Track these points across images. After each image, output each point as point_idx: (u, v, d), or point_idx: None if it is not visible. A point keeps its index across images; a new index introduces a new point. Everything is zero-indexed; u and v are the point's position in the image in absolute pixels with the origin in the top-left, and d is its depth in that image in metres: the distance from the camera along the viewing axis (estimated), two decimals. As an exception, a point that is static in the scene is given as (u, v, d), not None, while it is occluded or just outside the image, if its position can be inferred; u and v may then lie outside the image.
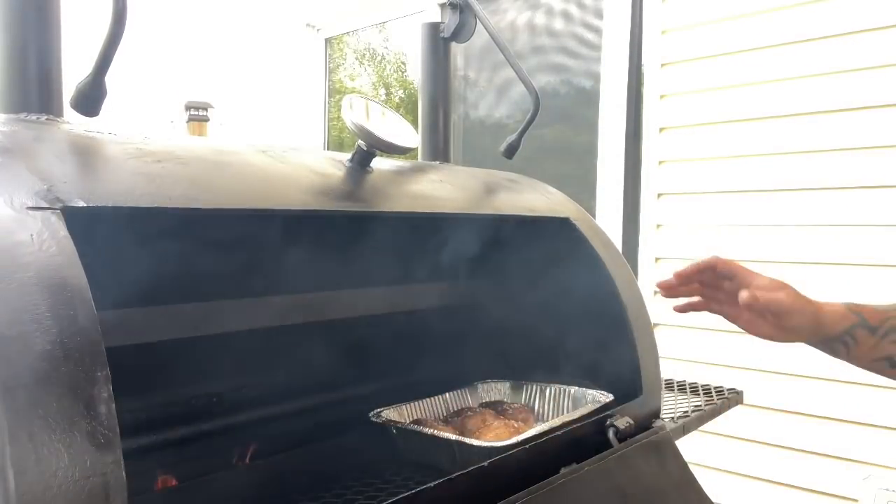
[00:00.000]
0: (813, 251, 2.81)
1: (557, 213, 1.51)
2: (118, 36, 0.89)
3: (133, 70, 3.42)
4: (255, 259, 1.27)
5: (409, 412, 1.40)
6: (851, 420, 2.73)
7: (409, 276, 1.55)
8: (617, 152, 3.51)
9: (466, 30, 1.60)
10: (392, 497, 0.89)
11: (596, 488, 1.18)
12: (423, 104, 1.69)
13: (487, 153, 3.95)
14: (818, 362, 2.78)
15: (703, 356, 3.11)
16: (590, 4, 3.76)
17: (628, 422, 1.33)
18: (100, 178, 0.84)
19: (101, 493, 0.62)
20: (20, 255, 0.66)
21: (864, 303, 1.24)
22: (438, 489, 0.95)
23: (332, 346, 1.46)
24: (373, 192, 1.17)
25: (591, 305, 1.47)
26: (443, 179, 1.40)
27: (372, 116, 1.18)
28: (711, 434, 2.94)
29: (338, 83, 5.43)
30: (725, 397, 1.78)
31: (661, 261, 3.29)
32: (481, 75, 4.31)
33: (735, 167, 3.03)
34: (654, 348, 1.53)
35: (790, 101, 2.87)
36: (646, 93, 3.36)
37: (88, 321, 0.66)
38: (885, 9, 2.63)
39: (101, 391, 0.64)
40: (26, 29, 0.96)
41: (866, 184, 2.69)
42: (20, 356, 0.61)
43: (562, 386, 1.53)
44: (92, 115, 0.94)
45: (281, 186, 1.03)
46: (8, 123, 0.90)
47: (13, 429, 0.59)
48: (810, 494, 2.83)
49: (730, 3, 3.02)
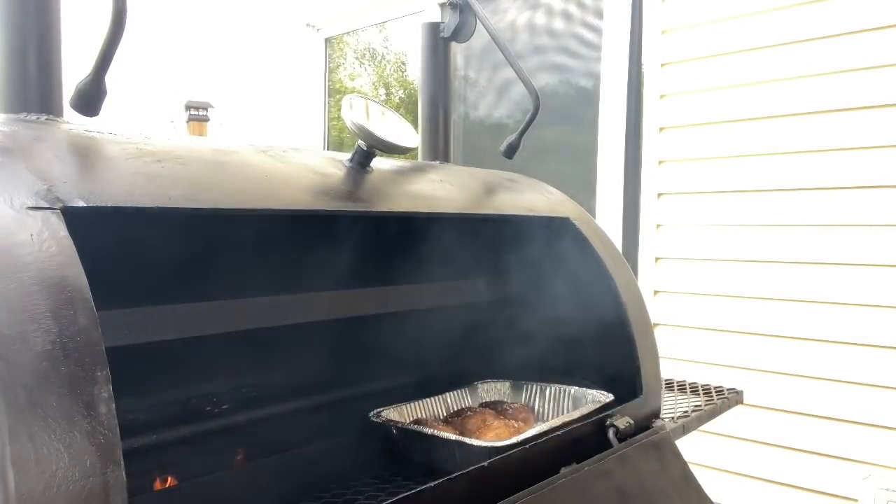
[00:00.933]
0: (813, 251, 2.81)
1: (557, 212, 1.51)
2: (118, 36, 0.89)
3: (133, 70, 3.42)
4: (254, 259, 1.27)
5: (409, 412, 1.40)
6: (851, 420, 2.73)
7: (409, 275, 1.54)
8: (617, 152, 3.51)
9: (466, 30, 1.60)
10: (392, 497, 0.89)
11: (596, 488, 1.18)
12: (423, 104, 1.69)
13: (487, 153, 3.95)
14: (818, 362, 2.80)
15: (703, 356, 3.11)
16: (590, 4, 3.76)
17: (628, 422, 1.33)
18: (100, 178, 0.84)
19: (101, 493, 0.62)
20: (20, 255, 0.66)
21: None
22: (438, 489, 0.95)
23: (333, 346, 1.46)
24: (373, 192, 1.17)
25: (590, 305, 1.47)
26: (443, 179, 1.40)
27: (372, 116, 1.18)
28: (711, 434, 2.94)
29: (338, 83, 5.43)
30: (725, 397, 1.79)
31: (661, 261, 3.29)
32: (481, 75, 4.31)
33: (735, 167, 3.03)
34: (654, 348, 1.53)
35: (790, 101, 2.87)
36: (646, 93, 3.36)
37: (88, 321, 0.66)
38: (885, 9, 2.63)
39: (101, 391, 0.64)
40: (26, 29, 0.96)
41: (866, 184, 2.69)
42: (20, 356, 0.61)
43: (562, 386, 1.53)
44: (92, 115, 0.94)
45: (281, 186, 1.03)
46: (8, 123, 0.90)
47: (13, 429, 0.59)
48: (810, 494, 2.83)
49: (730, 3, 3.02)
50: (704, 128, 3.13)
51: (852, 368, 2.71)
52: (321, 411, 1.42)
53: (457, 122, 4.27)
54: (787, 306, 2.88)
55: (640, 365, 1.44)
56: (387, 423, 1.30)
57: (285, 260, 1.29)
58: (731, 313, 3.04)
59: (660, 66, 3.26)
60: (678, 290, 3.22)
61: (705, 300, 3.13)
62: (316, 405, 1.41)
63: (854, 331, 2.70)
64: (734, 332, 3.04)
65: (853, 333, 2.70)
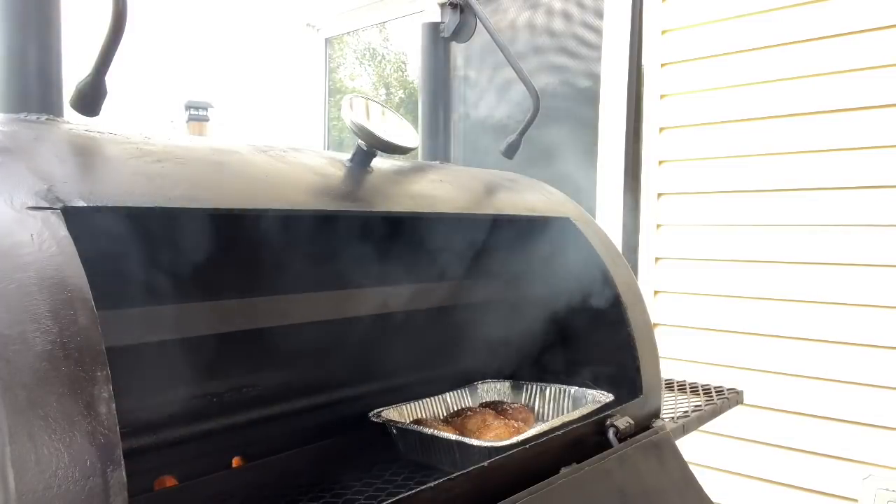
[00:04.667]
0: (813, 251, 2.81)
1: (558, 212, 1.51)
2: (118, 36, 0.89)
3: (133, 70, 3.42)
4: (254, 259, 1.27)
5: (409, 412, 1.40)
6: (851, 420, 2.73)
7: (409, 275, 1.54)
8: (617, 152, 3.51)
9: (466, 30, 1.60)
10: (392, 497, 0.89)
11: (596, 488, 1.18)
12: (423, 104, 1.69)
13: (487, 153, 3.95)
14: (818, 362, 2.80)
15: (703, 356, 3.11)
16: (590, 4, 3.75)
17: (628, 422, 1.33)
18: (100, 178, 0.84)
19: (101, 493, 0.62)
20: (20, 255, 0.66)
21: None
22: (438, 489, 0.95)
23: (333, 346, 1.46)
24: (373, 192, 1.17)
25: (590, 305, 1.47)
26: (443, 179, 1.40)
27: (372, 116, 1.18)
28: (711, 434, 2.94)
29: (338, 83, 5.43)
30: (725, 397, 1.79)
31: (661, 261, 3.29)
32: (481, 75, 4.31)
33: (735, 167, 3.03)
34: (654, 348, 1.53)
35: (790, 101, 2.87)
36: (646, 93, 3.36)
37: (88, 321, 0.66)
38: (885, 9, 2.63)
39: (101, 391, 0.64)
40: (26, 29, 0.96)
41: (866, 184, 2.69)
42: (20, 356, 0.61)
43: (562, 386, 1.53)
44: (92, 115, 0.94)
45: (281, 186, 1.03)
46: (8, 123, 0.90)
47: (13, 429, 0.59)
48: (810, 494, 2.83)
49: (730, 3, 3.02)
50: (704, 128, 3.13)
51: (852, 368, 2.71)
52: (321, 411, 1.42)
53: (457, 122, 4.27)
54: (786, 306, 2.88)
55: (640, 365, 1.44)
56: (387, 423, 1.30)
57: (285, 260, 1.29)
58: (731, 313, 3.04)
59: (660, 66, 3.26)
60: (678, 290, 3.22)
61: (705, 300, 3.13)
62: (316, 405, 1.41)
63: (854, 331, 2.70)
64: (734, 332, 3.04)
65: (853, 333, 2.70)
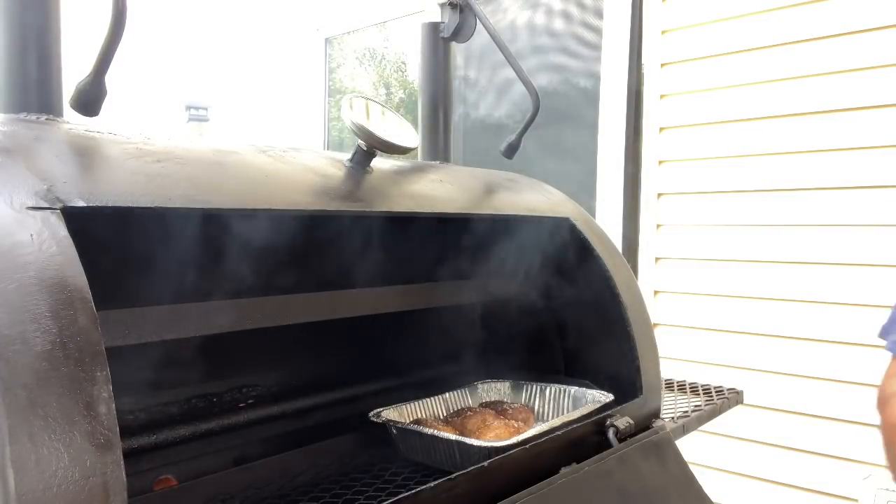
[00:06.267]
0: (813, 251, 2.81)
1: (558, 212, 1.51)
2: (118, 36, 0.89)
3: (134, 70, 3.42)
4: (254, 259, 1.27)
5: (409, 412, 1.40)
6: (851, 420, 2.72)
7: (409, 275, 1.54)
8: (617, 152, 3.51)
9: (466, 30, 1.60)
10: (392, 497, 0.89)
11: (596, 488, 1.18)
12: (423, 104, 1.69)
13: (487, 153, 3.95)
14: (818, 362, 2.79)
15: (703, 356, 3.11)
16: (590, 4, 3.75)
17: (628, 422, 1.33)
18: (100, 178, 0.84)
19: (101, 493, 0.62)
20: (20, 255, 0.66)
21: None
22: (438, 489, 0.95)
23: (333, 346, 1.46)
24: (373, 192, 1.17)
25: (591, 305, 1.47)
26: (443, 179, 1.40)
27: (372, 116, 1.18)
28: (711, 434, 2.94)
29: (338, 83, 5.43)
30: (725, 397, 1.78)
31: (661, 261, 3.29)
32: (481, 75, 4.31)
33: (735, 167, 3.03)
34: (654, 348, 1.53)
35: (790, 101, 2.87)
36: (646, 93, 3.36)
37: (88, 321, 0.66)
38: (885, 9, 2.63)
39: (101, 391, 0.64)
40: (26, 29, 0.96)
41: (866, 184, 2.69)
42: (20, 356, 0.61)
43: (562, 386, 1.52)
44: (92, 115, 0.94)
45: (281, 186, 1.03)
46: (8, 123, 0.90)
47: (13, 429, 0.59)
48: (810, 494, 2.83)
49: (730, 3, 3.02)
50: (704, 128, 3.13)
51: (852, 368, 2.71)
52: (321, 411, 1.42)
53: (457, 122, 4.27)
54: (786, 306, 2.87)
55: (640, 365, 1.44)
56: (387, 423, 1.30)
57: (285, 260, 1.29)
58: (731, 313, 3.04)
59: (660, 67, 3.26)
60: (678, 290, 3.22)
61: (705, 300, 3.13)
62: (316, 405, 1.41)
63: (854, 331, 2.69)
64: (734, 332, 3.03)
65: (853, 333, 2.70)
